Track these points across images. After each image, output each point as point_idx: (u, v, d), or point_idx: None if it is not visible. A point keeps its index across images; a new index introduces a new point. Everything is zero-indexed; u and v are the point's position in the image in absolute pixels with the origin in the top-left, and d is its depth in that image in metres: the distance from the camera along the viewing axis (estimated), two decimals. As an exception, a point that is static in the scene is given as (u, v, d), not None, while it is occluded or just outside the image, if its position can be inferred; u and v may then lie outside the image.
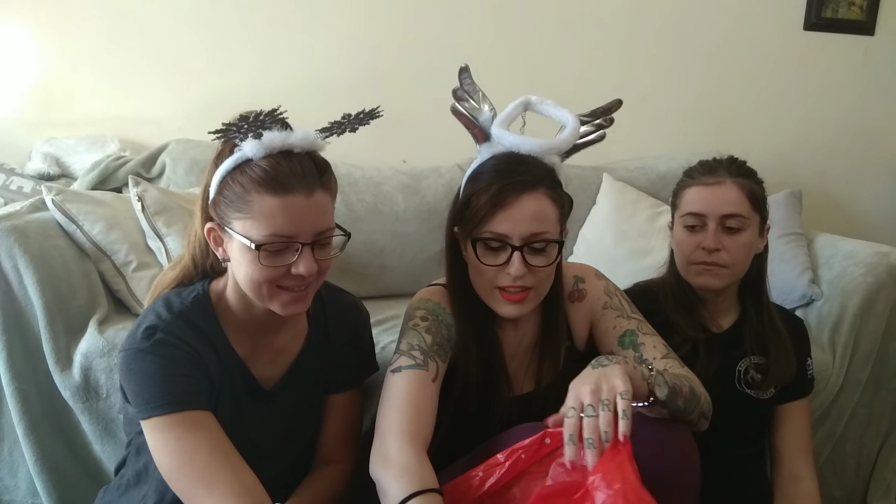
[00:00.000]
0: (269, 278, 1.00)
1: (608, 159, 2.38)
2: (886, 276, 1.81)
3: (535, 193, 1.10)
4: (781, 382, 1.41)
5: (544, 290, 1.16)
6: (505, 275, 1.11)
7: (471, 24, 2.39)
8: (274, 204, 0.97)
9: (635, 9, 2.47)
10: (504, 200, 1.09)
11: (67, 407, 1.57)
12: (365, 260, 2.11)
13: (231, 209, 1.00)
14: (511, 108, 1.18)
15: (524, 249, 1.10)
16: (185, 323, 1.05)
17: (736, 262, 1.36)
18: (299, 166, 0.99)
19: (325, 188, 1.02)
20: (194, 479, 0.96)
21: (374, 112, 1.08)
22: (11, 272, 1.53)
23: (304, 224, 0.99)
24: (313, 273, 1.00)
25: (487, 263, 1.12)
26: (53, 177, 2.05)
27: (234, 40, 2.31)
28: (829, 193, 2.65)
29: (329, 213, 1.03)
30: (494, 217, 1.10)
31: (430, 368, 1.12)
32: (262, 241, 0.97)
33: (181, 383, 1.00)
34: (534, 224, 1.09)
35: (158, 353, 1.00)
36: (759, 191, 1.38)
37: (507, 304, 1.14)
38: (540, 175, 1.12)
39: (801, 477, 1.42)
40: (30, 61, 2.24)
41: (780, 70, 2.56)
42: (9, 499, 1.63)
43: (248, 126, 0.98)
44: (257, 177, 0.97)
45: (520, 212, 1.09)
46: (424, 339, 1.15)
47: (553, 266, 1.14)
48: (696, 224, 1.37)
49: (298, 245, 0.99)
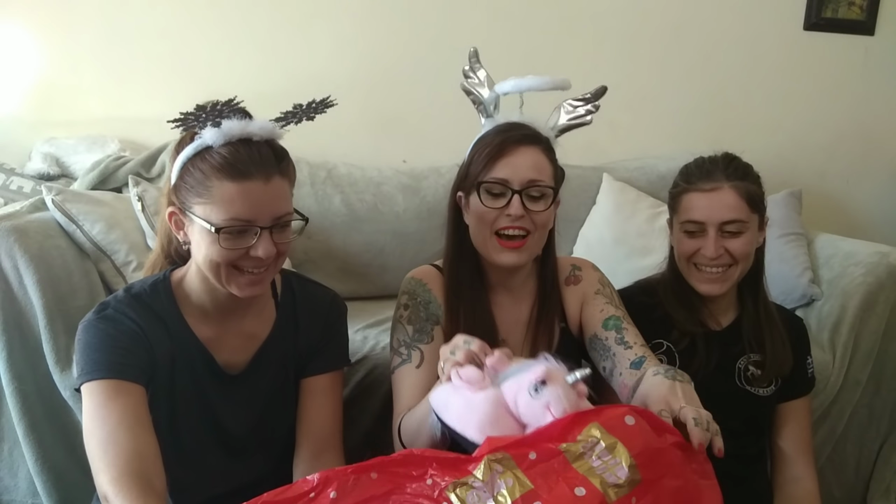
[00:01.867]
0: (228, 260, 1.04)
1: (608, 159, 2.38)
2: (886, 276, 1.81)
3: (534, 147, 1.22)
4: (780, 374, 1.41)
5: (539, 240, 1.23)
6: (505, 216, 1.19)
7: (471, 25, 2.39)
8: (233, 189, 1.00)
9: (635, 9, 2.47)
10: (505, 149, 1.20)
11: (67, 407, 1.57)
12: (365, 260, 2.11)
13: (192, 194, 1.03)
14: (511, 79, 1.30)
15: (523, 194, 1.18)
16: (137, 303, 1.10)
17: (740, 262, 1.36)
18: (258, 153, 1.02)
19: (283, 175, 1.06)
20: (98, 442, 0.99)
21: (327, 101, 1.13)
22: (11, 272, 1.53)
23: (263, 209, 1.02)
24: (271, 255, 1.04)
25: (489, 206, 1.20)
26: (53, 177, 2.05)
27: (235, 40, 2.31)
28: (829, 193, 2.65)
29: (287, 198, 1.07)
30: (497, 164, 1.20)
31: (414, 357, 1.22)
32: (222, 224, 1.01)
33: (116, 354, 1.04)
34: (532, 171, 1.19)
35: (101, 326, 1.06)
36: (756, 190, 1.38)
37: (504, 251, 1.21)
38: (538, 135, 1.23)
39: (801, 476, 1.42)
40: (30, 61, 2.24)
41: (780, 70, 2.56)
42: (9, 499, 1.64)
43: (205, 115, 1.02)
44: (217, 163, 1.01)
45: (520, 159, 1.20)
46: (406, 330, 1.25)
47: (548, 214, 1.22)
48: (696, 231, 1.38)
49: (257, 229, 1.03)
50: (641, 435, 0.88)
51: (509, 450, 0.86)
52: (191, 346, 1.13)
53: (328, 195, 2.11)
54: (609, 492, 0.83)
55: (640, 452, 0.86)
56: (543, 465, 0.85)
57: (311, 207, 2.09)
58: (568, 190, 2.24)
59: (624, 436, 0.87)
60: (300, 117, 1.11)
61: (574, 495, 0.83)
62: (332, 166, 2.17)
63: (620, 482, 0.84)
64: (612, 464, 0.85)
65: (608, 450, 0.85)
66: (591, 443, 0.86)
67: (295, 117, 1.11)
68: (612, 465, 0.84)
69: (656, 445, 0.88)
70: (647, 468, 0.85)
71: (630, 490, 0.84)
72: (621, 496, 0.83)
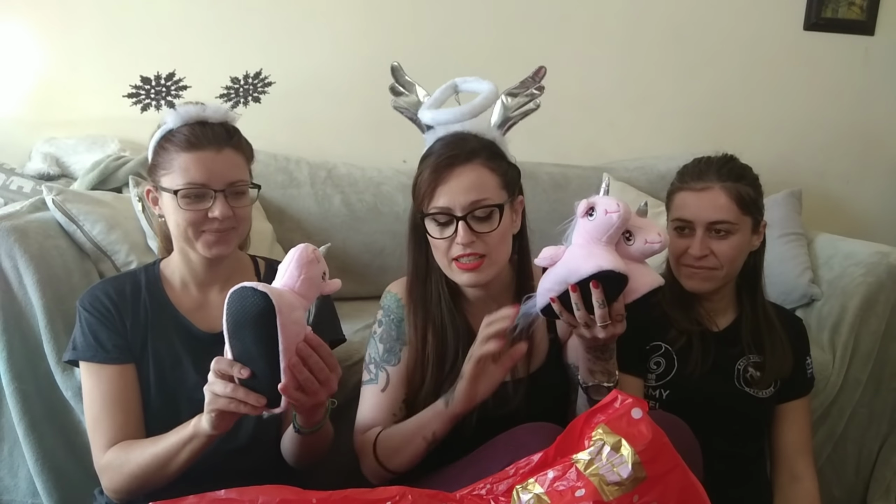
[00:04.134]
0: (192, 221, 1.18)
1: (608, 159, 2.39)
2: (886, 276, 1.81)
3: (469, 164, 1.17)
4: (779, 377, 1.41)
5: (498, 256, 1.20)
6: (456, 245, 1.17)
7: (471, 25, 2.39)
8: (189, 158, 1.17)
9: (635, 9, 2.47)
10: (440, 176, 1.17)
11: (68, 407, 1.57)
12: (365, 260, 2.11)
13: (159, 169, 1.20)
14: (438, 93, 1.27)
15: (468, 218, 1.16)
16: (116, 281, 1.28)
17: (725, 266, 1.36)
18: (211, 130, 1.19)
19: (234, 148, 1.21)
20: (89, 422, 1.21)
21: (260, 75, 1.28)
22: (11, 272, 1.53)
23: (215, 174, 1.17)
24: (228, 216, 1.18)
25: (438, 237, 1.19)
26: (53, 177, 2.05)
27: (235, 40, 2.30)
28: (829, 193, 2.65)
29: (240, 167, 1.22)
30: (435, 192, 1.17)
31: (380, 379, 1.25)
32: (180, 187, 1.17)
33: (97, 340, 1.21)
34: (471, 193, 1.16)
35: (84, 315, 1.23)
36: (749, 193, 1.37)
37: (463, 273, 1.19)
38: (474, 148, 1.19)
39: (801, 476, 1.42)
40: (30, 61, 2.24)
41: (780, 70, 2.56)
42: (9, 499, 1.63)
43: (153, 88, 1.19)
44: (178, 140, 1.18)
45: (457, 184, 1.16)
46: (378, 347, 1.28)
47: (501, 231, 1.18)
48: (685, 228, 1.38)
49: (212, 192, 1.17)
50: (649, 428, 0.88)
51: (533, 474, 0.92)
52: (167, 315, 1.26)
53: (328, 195, 2.11)
54: (606, 490, 0.84)
55: (646, 447, 0.86)
56: (560, 479, 0.89)
57: (311, 207, 2.09)
58: (568, 190, 2.26)
59: (629, 431, 0.88)
60: (242, 95, 1.25)
61: (574, 497, 0.85)
62: (332, 166, 2.17)
63: (622, 480, 0.85)
64: (618, 462, 0.86)
65: (614, 449, 0.87)
66: (598, 446, 0.88)
67: (237, 95, 1.25)
68: (617, 464, 0.86)
69: (664, 439, 0.89)
70: (653, 464, 0.86)
71: (633, 487, 0.85)
72: (622, 494, 0.84)
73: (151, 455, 1.12)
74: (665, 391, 1.39)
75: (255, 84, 1.27)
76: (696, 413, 1.20)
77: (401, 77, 1.34)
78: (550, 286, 1.07)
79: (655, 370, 1.40)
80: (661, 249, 1.07)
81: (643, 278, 1.08)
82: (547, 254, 1.08)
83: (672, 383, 1.39)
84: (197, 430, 1.06)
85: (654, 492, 0.86)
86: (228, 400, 0.98)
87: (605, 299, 1.02)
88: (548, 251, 1.08)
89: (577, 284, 1.02)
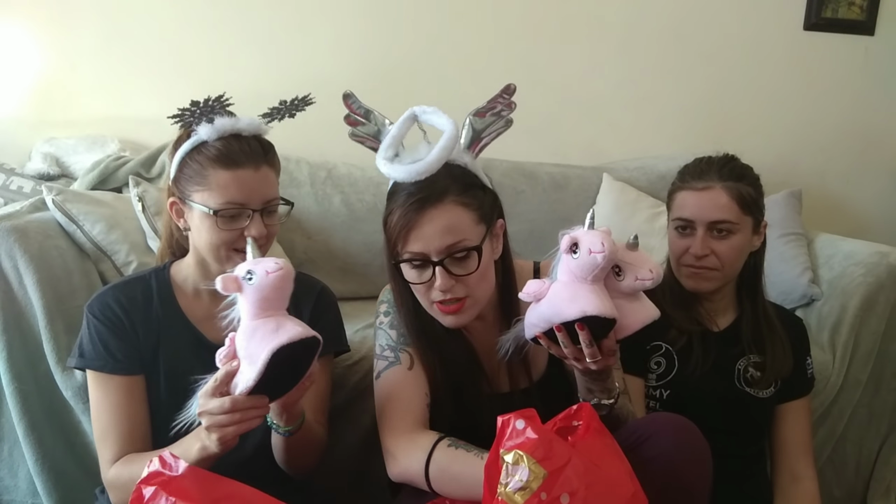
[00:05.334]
0: (226, 241, 1.15)
1: (608, 159, 2.39)
2: (886, 276, 1.81)
3: (440, 206, 1.09)
4: (780, 377, 1.41)
5: (481, 294, 1.15)
6: (435, 290, 1.11)
7: (471, 25, 2.39)
8: (228, 177, 1.13)
9: (635, 9, 2.47)
10: (410, 221, 1.09)
11: (68, 407, 1.57)
12: (365, 260, 2.11)
13: (191, 183, 1.15)
14: (395, 129, 1.17)
15: (445, 262, 1.09)
16: (125, 286, 1.23)
17: (725, 266, 1.36)
18: (247, 146, 1.15)
19: (270, 164, 1.19)
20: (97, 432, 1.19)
21: (307, 98, 1.23)
22: (11, 272, 1.53)
23: (254, 193, 1.15)
24: (263, 235, 1.16)
25: (415, 282, 1.13)
26: (53, 177, 2.05)
27: (235, 40, 2.30)
28: (829, 193, 2.65)
29: (274, 185, 1.20)
30: (408, 238, 1.10)
31: (403, 360, 1.20)
32: (219, 207, 1.13)
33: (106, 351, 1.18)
34: (446, 237, 1.09)
35: (93, 322, 1.19)
36: (750, 193, 1.37)
37: (446, 316, 1.14)
38: (444, 186, 1.10)
39: (802, 476, 1.42)
40: (30, 61, 2.24)
41: (780, 70, 2.56)
42: (9, 499, 1.63)
43: (199, 111, 1.14)
44: (212, 155, 1.13)
45: (429, 228, 1.09)
46: (389, 334, 1.23)
47: (481, 271, 1.12)
48: (686, 228, 1.38)
49: (249, 211, 1.15)
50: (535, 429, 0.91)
51: None
52: (178, 325, 1.23)
53: (328, 195, 2.11)
54: (515, 498, 0.87)
55: (536, 447, 0.89)
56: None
57: (311, 207, 2.09)
58: (568, 190, 2.26)
59: (518, 443, 0.91)
60: (283, 114, 1.22)
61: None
62: (332, 166, 2.17)
63: (524, 484, 0.88)
64: (518, 471, 0.89)
65: (514, 462, 0.89)
66: (505, 470, 0.90)
67: (279, 114, 1.22)
68: (518, 473, 0.89)
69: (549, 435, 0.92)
70: (548, 460, 0.89)
71: (538, 486, 0.87)
72: (529, 496, 0.87)
73: None
74: (665, 391, 1.40)
75: (297, 104, 1.23)
76: (696, 413, 1.19)
77: (355, 106, 1.23)
78: (536, 322, 1.04)
79: (656, 370, 1.40)
80: (653, 286, 1.03)
81: (635, 315, 1.04)
82: (531, 289, 1.04)
83: (673, 383, 1.39)
84: (204, 454, 1.02)
85: (558, 485, 0.88)
86: (230, 416, 0.96)
87: (593, 339, 1.00)
88: (532, 286, 1.04)
89: (562, 325, 1.00)
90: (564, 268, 1.02)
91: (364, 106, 1.23)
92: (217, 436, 0.98)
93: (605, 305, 0.98)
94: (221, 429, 0.97)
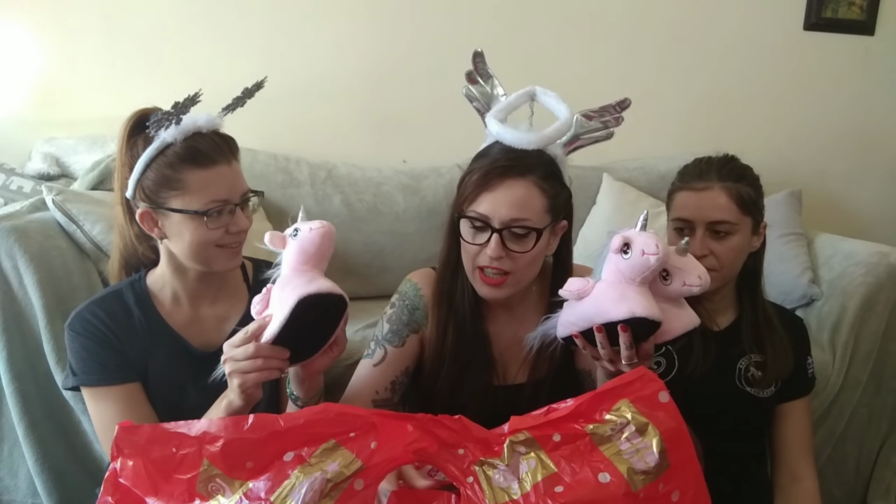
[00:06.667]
0: (213, 240, 1.14)
1: (608, 159, 2.38)
2: (886, 276, 1.81)
3: (521, 180, 1.11)
4: (780, 377, 1.41)
5: (524, 276, 1.17)
6: (484, 254, 1.13)
7: (471, 24, 2.39)
8: (206, 175, 1.11)
9: (636, 9, 2.47)
10: (489, 182, 1.11)
11: (67, 407, 1.57)
12: (365, 260, 2.11)
13: (163, 189, 1.12)
14: (513, 98, 1.19)
15: (504, 233, 1.11)
16: (104, 303, 1.20)
17: (724, 266, 1.36)
18: (213, 142, 1.13)
19: (236, 157, 1.18)
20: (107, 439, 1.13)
21: (260, 83, 1.21)
22: (11, 272, 1.53)
23: (234, 187, 1.15)
24: (247, 227, 1.17)
25: (469, 241, 1.15)
26: (53, 177, 2.05)
27: (235, 40, 2.30)
28: (829, 193, 2.65)
29: (243, 177, 1.19)
30: (479, 197, 1.12)
31: (376, 355, 1.23)
32: (205, 207, 1.12)
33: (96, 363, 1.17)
34: (514, 209, 1.10)
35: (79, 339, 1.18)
36: (749, 193, 1.37)
37: (483, 285, 1.16)
38: (531, 164, 1.13)
39: (802, 476, 1.42)
40: (30, 61, 2.24)
41: (780, 70, 2.56)
42: (9, 499, 1.63)
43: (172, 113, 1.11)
44: (184, 156, 1.11)
45: (503, 195, 1.11)
46: (383, 327, 1.25)
47: (533, 254, 1.13)
48: (685, 228, 1.38)
49: (232, 206, 1.14)
50: (673, 415, 0.85)
51: (533, 431, 0.85)
52: (163, 334, 1.21)
53: (328, 195, 2.11)
54: (635, 479, 0.80)
55: (669, 435, 0.83)
56: (568, 447, 0.83)
57: (312, 207, 2.09)
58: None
59: (656, 416, 0.84)
60: (240, 102, 1.20)
61: (598, 482, 0.80)
62: (332, 166, 2.17)
63: (649, 469, 0.81)
64: (642, 447, 0.82)
65: (639, 432, 0.83)
66: (620, 424, 0.83)
67: (238, 103, 1.19)
68: (641, 449, 0.82)
69: (684, 427, 0.86)
70: (674, 452, 0.83)
71: (658, 476, 0.81)
72: (648, 483, 0.80)
73: None
74: (665, 391, 1.40)
75: (251, 91, 1.21)
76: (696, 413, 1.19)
77: (481, 66, 1.25)
78: (575, 321, 1.03)
79: (656, 370, 1.40)
80: (700, 293, 1.02)
81: (678, 320, 1.03)
82: (574, 286, 1.02)
83: (673, 383, 1.39)
84: (229, 409, 1.03)
85: (675, 481, 0.82)
86: (252, 362, 0.97)
87: (633, 341, 0.99)
88: (575, 283, 1.02)
89: (604, 325, 0.98)
90: (612, 267, 1.00)
91: (489, 70, 1.25)
92: (238, 381, 0.99)
93: (653, 308, 0.97)
94: (243, 375, 0.99)
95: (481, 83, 1.25)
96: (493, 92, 1.24)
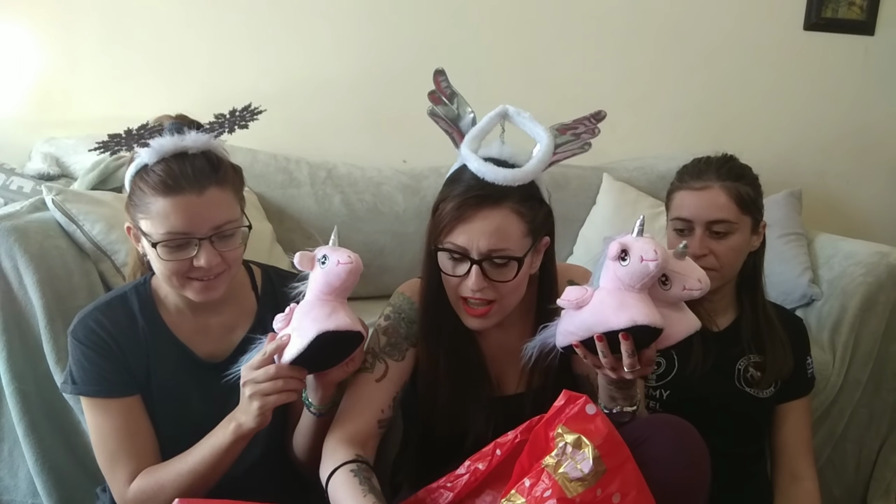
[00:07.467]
0: (175, 271, 1.09)
1: (608, 159, 2.38)
2: (886, 276, 1.81)
3: (498, 208, 1.08)
4: (780, 378, 1.41)
5: (509, 302, 1.15)
6: (466, 286, 1.11)
7: (471, 25, 2.39)
8: (167, 205, 1.05)
9: (635, 9, 2.46)
10: (464, 213, 1.08)
11: (67, 407, 1.57)
12: (365, 260, 2.06)
13: (137, 210, 1.09)
14: (485, 122, 1.14)
15: (483, 263, 1.09)
16: (108, 309, 1.17)
17: (724, 266, 1.36)
18: (190, 167, 1.06)
19: (219, 185, 1.09)
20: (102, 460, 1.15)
21: (253, 109, 1.15)
22: (11, 272, 1.53)
23: (198, 220, 1.06)
24: (214, 264, 1.08)
25: (449, 273, 1.13)
26: (53, 177, 2.05)
27: (235, 40, 2.30)
28: (829, 193, 2.65)
29: (226, 206, 1.10)
30: (455, 229, 1.09)
31: (377, 369, 1.18)
32: (159, 238, 1.06)
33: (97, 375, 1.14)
34: (492, 239, 1.08)
35: (81, 348, 1.15)
36: (749, 192, 1.37)
37: (469, 317, 1.14)
38: (506, 189, 1.09)
39: (802, 476, 1.42)
40: (30, 61, 2.23)
41: (780, 70, 2.56)
42: (9, 499, 1.63)
43: (126, 139, 1.06)
44: (152, 181, 1.05)
45: (479, 226, 1.08)
46: (380, 340, 1.21)
47: (516, 281, 1.11)
48: (684, 228, 1.38)
49: (196, 240, 1.07)
50: (604, 423, 0.91)
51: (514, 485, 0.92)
52: (167, 343, 1.19)
53: (328, 195, 2.11)
54: (569, 486, 0.86)
55: (603, 441, 0.89)
56: (536, 485, 0.90)
57: (311, 207, 2.09)
58: (568, 190, 2.26)
59: (586, 428, 0.90)
60: (230, 125, 1.14)
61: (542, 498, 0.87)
62: (332, 166, 2.17)
63: (584, 475, 0.87)
64: (580, 458, 0.88)
65: (575, 446, 0.88)
66: (561, 447, 0.89)
67: (223, 127, 1.13)
68: (579, 460, 0.88)
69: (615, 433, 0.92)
70: (610, 457, 0.89)
71: (595, 482, 0.87)
72: (586, 489, 0.86)
73: (189, 472, 1.08)
74: (665, 391, 1.39)
75: (243, 115, 1.15)
76: (696, 413, 1.19)
77: (444, 84, 1.19)
78: (574, 330, 1.01)
79: (656, 370, 1.40)
80: (700, 296, 1.01)
81: (679, 325, 1.02)
82: (572, 296, 1.01)
83: (672, 383, 1.39)
84: (239, 432, 1.03)
85: (614, 484, 0.88)
86: (273, 383, 0.99)
87: (635, 349, 0.98)
88: (573, 293, 1.01)
89: (605, 334, 0.97)
90: (611, 275, 0.99)
91: (453, 88, 1.18)
92: (259, 404, 1.00)
93: (655, 315, 0.96)
94: (264, 398, 1.00)
95: (446, 102, 1.18)
96: (458, 111, 1.17)
